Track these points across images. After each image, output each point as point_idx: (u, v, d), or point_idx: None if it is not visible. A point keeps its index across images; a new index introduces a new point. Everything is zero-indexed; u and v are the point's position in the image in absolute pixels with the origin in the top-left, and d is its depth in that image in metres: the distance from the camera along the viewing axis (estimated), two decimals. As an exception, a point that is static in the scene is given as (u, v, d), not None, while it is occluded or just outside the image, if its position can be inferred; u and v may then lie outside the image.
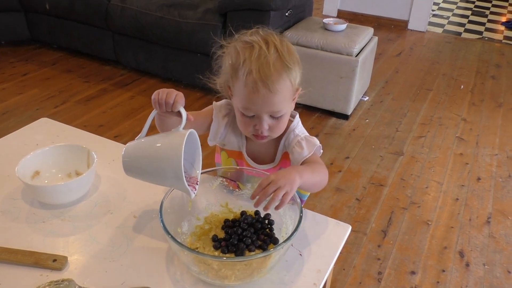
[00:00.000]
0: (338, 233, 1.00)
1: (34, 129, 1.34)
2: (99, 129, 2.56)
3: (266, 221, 0.93)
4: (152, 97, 0.89)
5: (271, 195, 0.83)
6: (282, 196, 0.83)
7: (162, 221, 0.82)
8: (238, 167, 1.03)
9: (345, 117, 2.83)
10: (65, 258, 0.88)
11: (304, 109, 2.90)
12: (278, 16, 2.63)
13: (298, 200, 0.88)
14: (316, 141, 1.05)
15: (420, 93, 3.31)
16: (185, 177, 0.86)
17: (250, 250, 0.88)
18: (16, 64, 3.33)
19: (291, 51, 0.96)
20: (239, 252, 0.87)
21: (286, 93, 0.95)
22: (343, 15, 4.74)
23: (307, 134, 1.08)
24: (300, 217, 0.84)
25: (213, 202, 0.98)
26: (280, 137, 1.07)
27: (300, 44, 2.69)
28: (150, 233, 0.96)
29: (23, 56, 3.46)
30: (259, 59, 0.91)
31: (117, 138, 2.48)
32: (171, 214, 0.90)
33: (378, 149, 2.59)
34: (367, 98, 3.15)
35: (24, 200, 1.04)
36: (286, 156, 1.08)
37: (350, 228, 1.01)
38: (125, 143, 1.31)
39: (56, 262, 0.87)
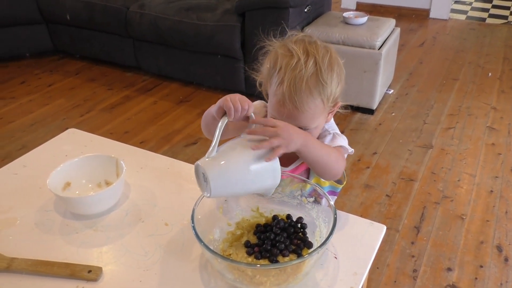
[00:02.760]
0: (373, 233, 0.97)
1: (63, 140, 1.36)
2: (124, 135, 2.59)
3: (299, 225, 0.91)
4: (224, 104, 0.85)
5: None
6: (276, 148, 0.80)
7: (194, 228, 0.81)
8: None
9: (370, 111, 2.78)
10: (100, 268, 0.88)
11: (328, 106, 2.86)
12: (297, 13, 2.60)
13: (331, 202, 0.86)
14: (341, 140, 1.01)
15: (446, 83, 3.22)
16: None
17: (284, 255, 0.86)
18: (41, 75, 3.40)
19: (333, 66, 0.93)
20: (273, 258, 0.85)
21: (315, 112, 0.92)
22: (362, 7, 4.67)
23: (338, 132, 1.04)
24: (335, 220, 0.82)
25: (244, 207, 0.96)
26: None
27: (321, 40, 2.64)
28: (182, 240, 0.95)
29: (47, 67, 3.52)
30: (294, 71, 0.89)
31: (142, 144, 2.50)
32: (202, 221, 0.89)
33: (406, 143, 2.54)
34: (392, 91, 3.09)
35: (57, 212, 1.05)
36: None
37: (385, 228, 0.98)
38: (150, 149, 1.32)
39: (91, 273, 0.87)
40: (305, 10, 2.70)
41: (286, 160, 1.07)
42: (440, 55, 3.71)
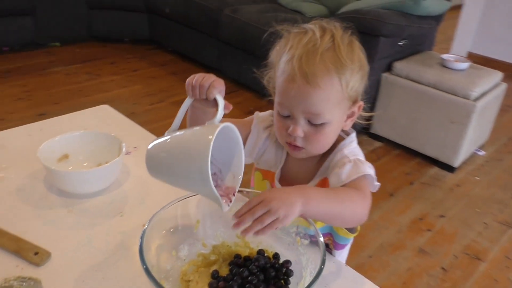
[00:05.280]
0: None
1: (93, 113, 1.31)
2: (182, 132, 2.53)
3: (284, 270, 0.72)
4: (187, 81, 0.74)
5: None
6: (270, 223, 0.62)
7: (142, 237, 0.66)
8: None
9: (450, 169, 2.44)
10: (48, 254, 0.77)
11: (403, 152, 2.57)
12: (389, 44, 2.38)
13: (323, 247, 0.66)
14: (366, 168, 0.78)
15: (552, 159, 2.75)
16: (220, 185, 0.70)
17: (251, 302, 0.67)
18: (131, 60, 3.52)
19: (354, 48, 0.76)
20: (235, 301, 0.67)
21: (331, 94, 0.74)
22: (473, 58, 4.25)
23: (361, 158, 0.81)
24: (320, 270, 0.62)
25: (228, 229, 0.79)
26: (324, 157, 0.85)
27: (410, 78, 2.39)
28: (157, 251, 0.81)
29: (138, 54, 3.65)
30: (307, 46, 0.73)
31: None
32: (173, 231, 0.75)
33: (483, 214, 2.16)
34: (483, 152, 2.70)
35: (45, 182, 0.97)
36: (325, 182, 0.84)
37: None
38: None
39: (37, 256, 0.76)
40: (400, 43, 2.46)
41: (302, 176, 0.88)
42: (553, 127, 3.20)
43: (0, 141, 1.11)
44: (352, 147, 0.83)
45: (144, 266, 0.62)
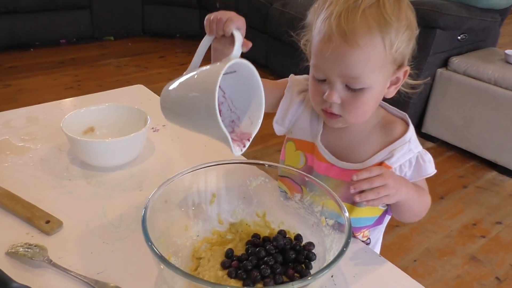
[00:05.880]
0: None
1: (128, 92, 1.31)
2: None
3: (305, 253, 0.64)
4: (206, 17, 0.69)
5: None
6: (382, 196, 0.65)
7: (146, 209, 0.60)
8: (299, 171, 0.72)
9: (510, 173, 2.24)
10: (60, 223, 0.74)
11: (457, 153, 2.39)
12: (446, 38, 2.22)
13: (349, 225, 0.58)
14: (428, 167, 0.74)
15: None
16: (235, 131, 0.66)
17: (265, 285, 0.60)
18: (179, 54, 3.55)
19: (401, 5, 0.67)
20: (248, 283, 0.60)
21: (371, 55, 0.65)
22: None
23: (421, 148, 0.76)
24: (342, 252, 0.54)
25: (247, 207, 0.73)
26: (374, 136, 0.76)
27: (468, 74, 2.22)
28: (167, 225, 0.76)
29: (188, 48, 3.67)
30: (347, 2, 0.65)
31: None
32: (186, 204, 0.70)
33: (548, 224, 1.96)
34: (549, 159, 2.46)
35: (68, 154, 0.95)
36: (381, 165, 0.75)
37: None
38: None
39: (48, 224, 0.73)
40: (458, 37, 2.29)
41: (343, 156, 0.78)
42: None
43: (33, 113, 1.11)
44: (414, 138, 0.76)
45: (149, 242, 0.56)
